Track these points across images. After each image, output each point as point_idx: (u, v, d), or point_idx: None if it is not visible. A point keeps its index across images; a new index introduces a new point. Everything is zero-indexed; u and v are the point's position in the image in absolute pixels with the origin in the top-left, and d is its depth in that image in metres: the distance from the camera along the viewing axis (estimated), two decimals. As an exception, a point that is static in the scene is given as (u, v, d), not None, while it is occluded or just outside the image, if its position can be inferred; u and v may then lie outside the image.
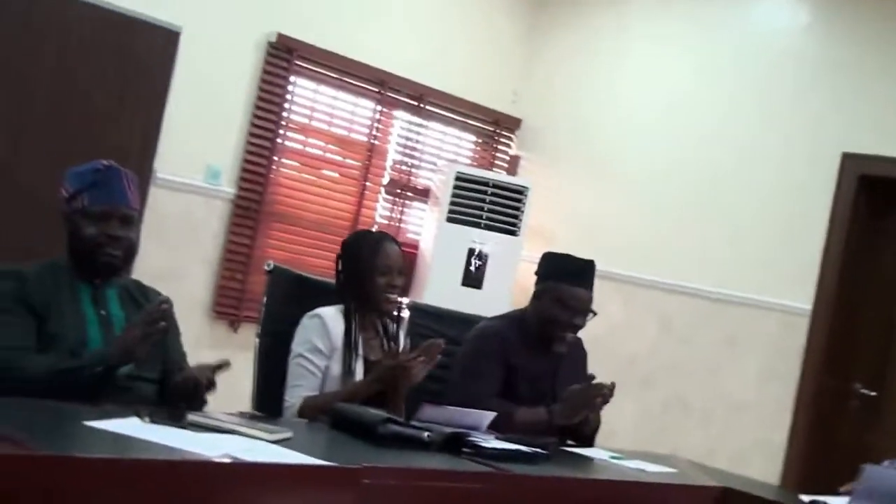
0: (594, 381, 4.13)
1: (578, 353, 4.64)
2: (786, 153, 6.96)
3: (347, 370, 3.90)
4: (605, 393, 4.05)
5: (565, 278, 4.33)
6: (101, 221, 3.32)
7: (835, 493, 4.09)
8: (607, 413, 5.48)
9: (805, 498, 4.06)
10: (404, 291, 4.19)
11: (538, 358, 4.36)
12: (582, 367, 4.56)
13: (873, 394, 6.63)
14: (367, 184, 7.33)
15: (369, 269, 3.93)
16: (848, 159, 6.68)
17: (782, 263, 6.89)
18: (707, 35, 7.51)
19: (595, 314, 4.41)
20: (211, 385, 3.21)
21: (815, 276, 6.73)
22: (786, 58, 7.11)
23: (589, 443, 4.37)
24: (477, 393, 4.04)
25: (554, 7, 8.19)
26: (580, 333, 4.60)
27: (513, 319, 4.48)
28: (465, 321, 4.66)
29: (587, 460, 4.05)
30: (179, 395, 3.19)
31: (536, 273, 4.47)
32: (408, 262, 6.31)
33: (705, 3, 7.54)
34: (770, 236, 6.96)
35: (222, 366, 3.22)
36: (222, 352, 5.69)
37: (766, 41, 7.27)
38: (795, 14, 7.20)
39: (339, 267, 4.08)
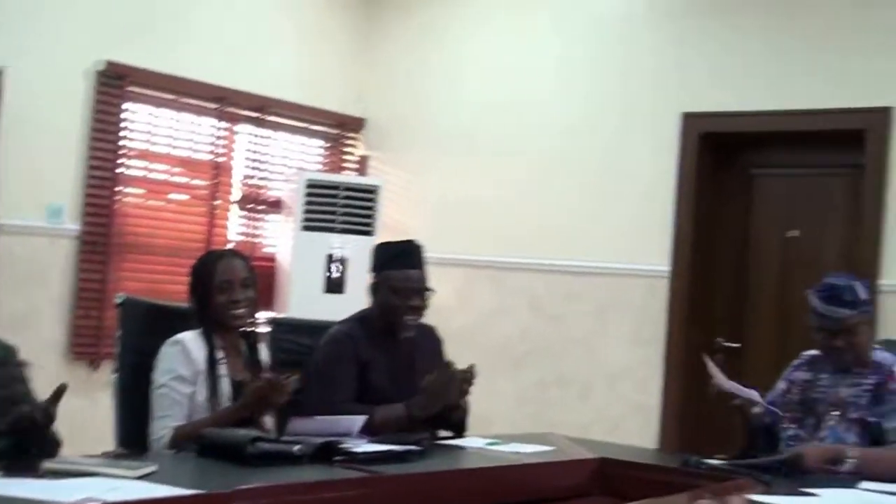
0: (450, 368, 4.16)
1: (433, 342, 4.68)
2: (627, 120, 7.10)
3: (213, 394, 3.89)
4: (463, 378, 4.10)
5: (392, 264, 4.38)
6: None
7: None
8: (485, 399, 5.43)
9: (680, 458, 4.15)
10: (255, 304, 4.16)
11: (390, 352, 4.38)
12: (438, 355, 4.60)
13: (736, 345, 6.88)
14: (217, 202, 7.31)
15: (209, 288, 3.98)
16: (688, 118, 6.86)
17: (639, 229, 7.01)
18: (541, 15, 7.60)
19: (432, 291, 4.43)
20: (48, 420, 3.15)
21: (671, 236, 6.91)
22: (621, 27, 7.24)
23: (460, 431, 4.40)
24: (331, 399, 4.08)
25: (386, 6, 8.30)
26: (433, 322, 4.66)
27: (359, 319, 4.50)
28: (326, 328, 4.66)
29: (462, 450, 4.08)
30: (17, 437, 3.11)
31: (371, 268, 4.53)
32: (264, 275, 6.46)
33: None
34: (624, 204, 7.08)
35: (59, 393, 3.12)
36: (84, 393, 5.83)
37: (602, 14, 7.37)
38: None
39: (191, 287, 4.10)
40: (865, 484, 3.57)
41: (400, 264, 4.38)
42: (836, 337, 4.14)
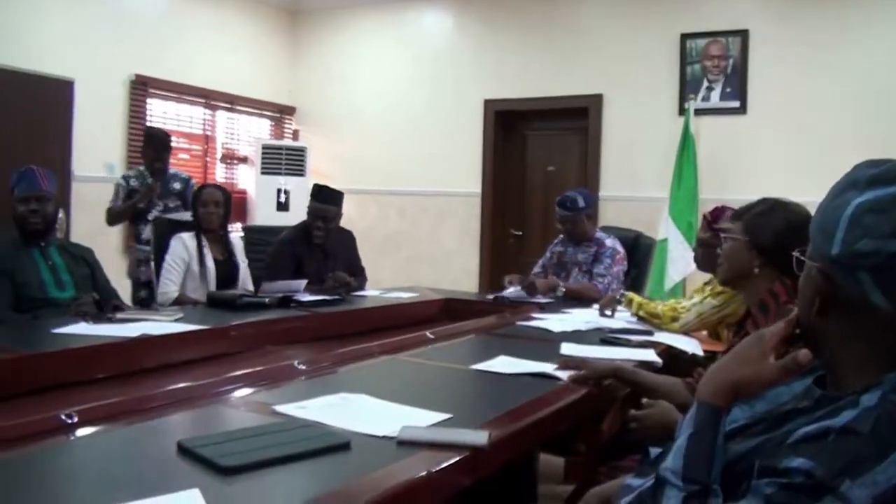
0: (339, 274, 4.28)
1: (348, 239, 4.75)
2: (452, 104, 7.45)
3: (201, 265, 4.08)
4: (342, 281, 4.23)
5: (314, 199, 4.48)
6: (24, 202, 3.41)
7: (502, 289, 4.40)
8: (379, 269, 6.14)
9: (490, 296, 4.42)
10: (226, 216, 4.31)
11: (314, 248, 4.45)
12: (351, 247, 4.73)
13: (520, 233, 7.44)
14: (207, 160, 7.57)
15: (196, 206, 4.18)
16: (487, 102, 7.33)
17: (462, 169, 7.43)
18: (399, 33, 7.81)
19: (337, 217, 4.50)
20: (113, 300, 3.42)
21: (480, 172, 7.38)
22: (445, 46, 7.55)
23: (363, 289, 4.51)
24: (278, 275, 4.14)
25: (306, 25, 8.32)
26: (349, 225, 4.86)
27: (297, 227, 4.54)
28: (278, 232, 4.73)
29: (365, 297, 4.25)
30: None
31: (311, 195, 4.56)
32: (238, 202, 6.68)
33: (398, 17, 7.79)
34: (453, 155, 7.46)
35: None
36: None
37: (434, 35, 7.63)
38: (447, 18, 7.58)
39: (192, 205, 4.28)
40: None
41: (317, 199, 4.46)
42: (566, 225, 4.47)
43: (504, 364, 2.41)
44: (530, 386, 2.18)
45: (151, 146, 5.29)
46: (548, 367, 2.33)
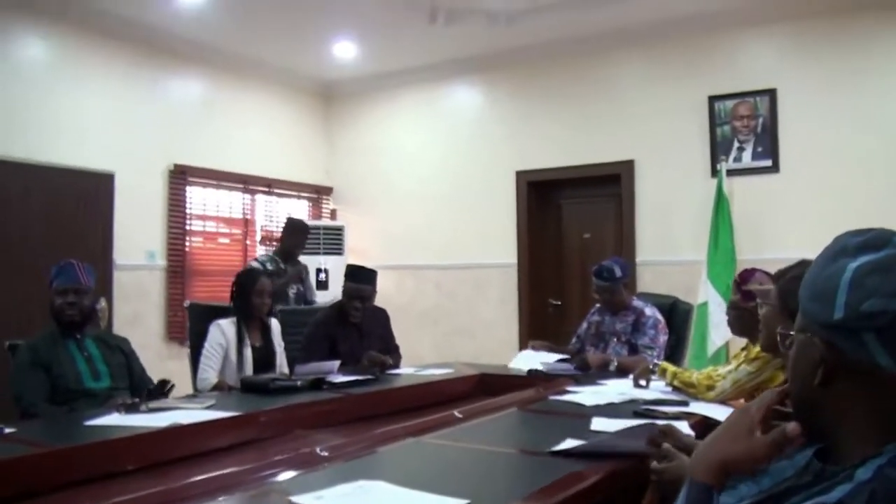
0: (373, 354, 4.30)
1: (382, 318, 4.71)
2: (488, 175, 7.48)
3: (240, 356, 4.03)
4: (377, 361, 4.24)
5: (349, 279, 4.54)
6: (62, 295, 3.47)
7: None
8: (417, 343, 6.20)
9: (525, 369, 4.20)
10: (272, 304, 4.37)
11: (349, 328, 4.46)
12: (385, 325, 4.71)
13: (558, 303, 7.36)
14: (247, 243, 7.65)
15: (249, 293, 4.13)
16: (519, 174, 7.34)
17: (497, 241, 7.37)
18: (429, 110, 7.89)
19: (373, 295, 4.53)
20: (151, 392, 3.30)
21: (515, 243, 7.32)
22: (476, 120, 7.62)
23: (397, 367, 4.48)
24: (313, 356, 4.14)
25: (339, 108, 8.46)
26: (384, 303, 4.84)
27: (333, 307, 4.60)
28: (314, 311, 4.83)
29: (399, 376, 4.20)
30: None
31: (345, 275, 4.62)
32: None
33: (428, 94, 7.89)
34: (487, 226, 7.43)
35: (163, 385, 3.36)
36: (176, 359, 5.96)
37: (463, 110, 7.71)
38: (476, 94, 7.67)
39: (233, 290, 4.21)
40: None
41: (352, 280, 4.51)
42: (603, 295, 4.45)
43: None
44: (553, 466, 2.13)
45: (296, 235, 5.80)
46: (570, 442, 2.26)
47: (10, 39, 5.99)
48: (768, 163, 6.14)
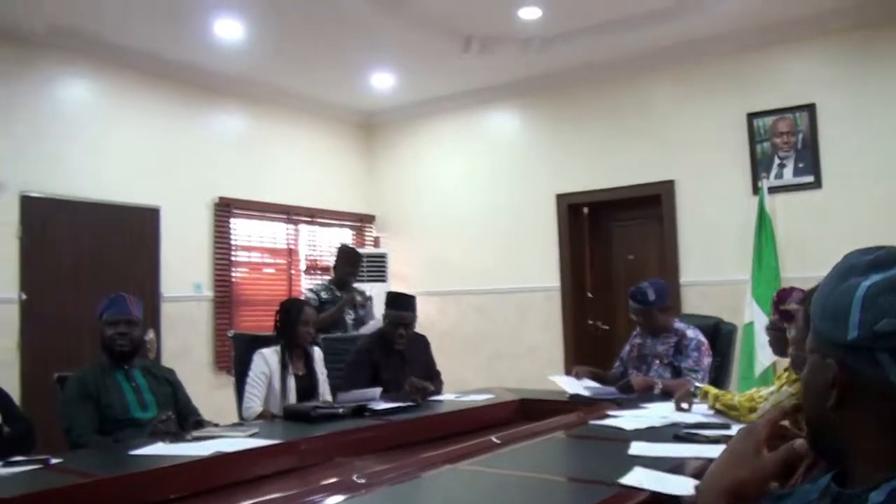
0: (414, 381, 4.22)
1: (423, 345, 4.73)
2: (528, 199, 7.49)
3: (284, 384, 4.05)
4: (418, 387, 4.18)
5: (390, 306, 4.57)
6: (114, 326, 3.54)
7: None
8: (461, 368, 6.20)
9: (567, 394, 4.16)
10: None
11: (392, 355, 4.48)
12: (426, 351, 4.73)
13: (606, 327, 7.29)
14: (292, 272, 7.73)
15: (296, 323, 4.13)
16: (560, 197, 7.33)
17: (539, 264, 7.36)
18: (468, 135, 7.93)
19: (414, 321, 4.55)
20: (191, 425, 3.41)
21: (557, 267, 7.30)
22: (514, 144, 7.64)
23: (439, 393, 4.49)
24: (356, 383, 4.17)
25: (380, 136, 8.57)
26: (425, 329, 4.86)
27: (373, 335, 4.64)
28: (356, 339, 4.88)
29: (440, 402, 4.18)
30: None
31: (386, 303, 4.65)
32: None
33: (466, 120, 7.93)
34: (530, 250, 7.41)
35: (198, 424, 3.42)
36: (223, 390, 5.76)
37: (502, 134, 7.73)
38: (514, 118, 7.69)
39: (277, 319, 4.21)
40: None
41: (395, 308, 4.53)
42: (638, 318, 4.39)
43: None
44: (584, 494, 2.12)
45: (349, 262, 5.90)
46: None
47: (56, 82, 6.20)
48: (810, 179, 6.06)
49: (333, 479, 2.39)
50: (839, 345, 1.07)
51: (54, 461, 2.62)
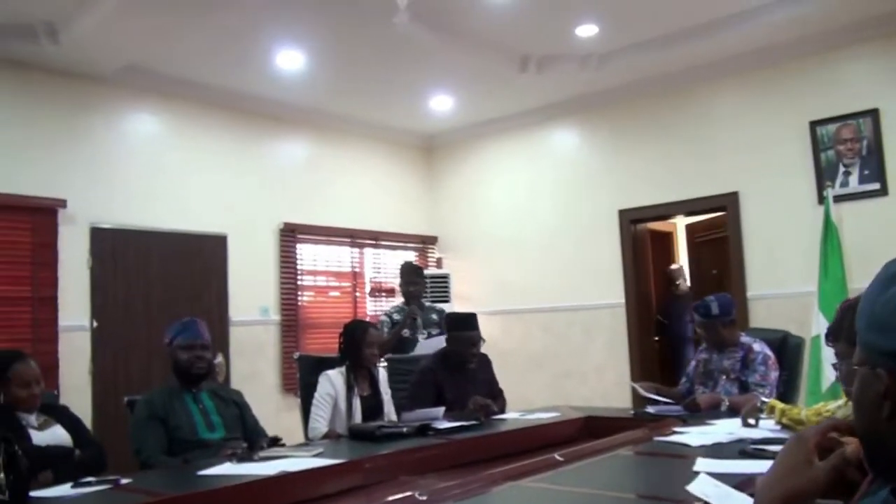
0: (478, 398, 4.23)
1: (486, 364, 4.70)
2: (590, 215, 7.44)
3: (349, 405, 4.04)
4: (482, 405, 4.20)
5: (455, 328, 4.55)
6: (189, 350, 3.60)
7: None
8: (525, 387, 6.20)
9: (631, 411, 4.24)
10: (382, 354, 4.45)
11: (455, 374, 4.47)
12: (489, 370, 4.70)
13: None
14: (357, 295, 7.82)
15: (361, 344, 4.14)
16: (622, 212, 7.28)
17: (603, 281, 7.30)
18: (528, 154, 7.96)
19: (482, 341, 4.53)
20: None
21: (622, 282, 7.23)
22: (574, 161, 7.62)
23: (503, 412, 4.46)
24: (420, 403, 4.16)
25: (441, 158, 8.68)
26: (490, 347, 4.78)
27: (437, 355, 4.59)
28: (419, 360, 4.81)
29: (504, 420, 4.17)
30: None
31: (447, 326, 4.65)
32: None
33: (525, 138, 7.96)
34: (594, 268, 7.36)
35: (274, 441, 3.44)
36: (290, 412, 5.94)
37: (563, 151, 7.71)
38: (573, 135, 7.66)
39: (342, 341, 4.22)
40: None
41: (460, 328, 4.52)
42: (702, 332, 4.37)
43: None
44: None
45: (406, 277, 5.93)
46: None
47: (125, 116, 6.44)
48: (876, 186, 5.90)
49: (396, 497, 2.41)
50: (889, 354, 1.04)
51: (124, 481, 2.67)
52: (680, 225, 8.58)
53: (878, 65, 6.03)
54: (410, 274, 5.99)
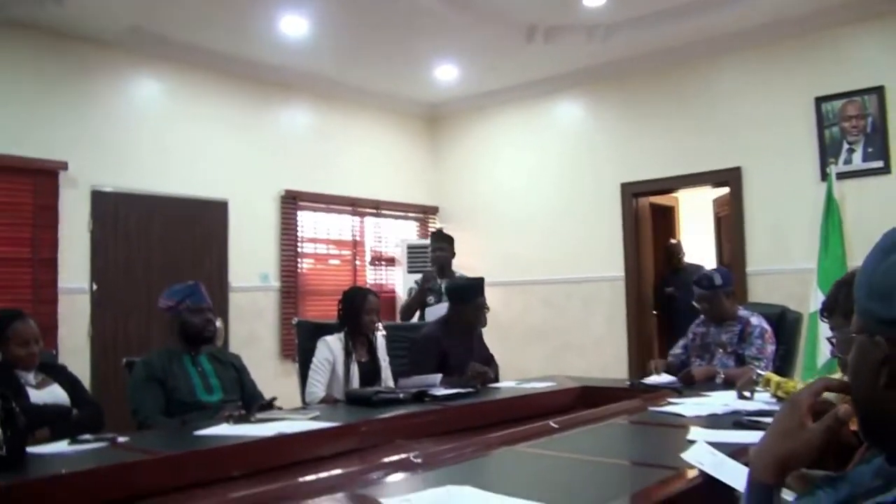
0: (476, 365, 4.24)
1: (480, 335, 4.71)
2: (592, 188, 7.44)
3: (346, 369, 4.06)
4: (479, 372, 4.21)
5: (468, 297, 4.51)
6: (199, 313, 3.63)
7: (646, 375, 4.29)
8: (524, 359, 6.23)
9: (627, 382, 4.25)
10: (380, 320, 4.31)
11: (460, 340, 4.47)
12: (480, 338, 4.70)
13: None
14: (357, 263, 7.83)
15: (360, 311, 4.14)
16: (624, 185, 7.27)
17: (604, 254, 7.33)
18: (532, 126, 7.94)
19: (487, 309, 4.58)
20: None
21: (622, 256, 7.24)
22: (578, 133, 7.60)
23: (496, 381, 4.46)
24: (423, 369, 4.14)
25: (444, 128, 8.65)
26: (494, 318, 4.90)
27: (439, 322, 4.60)
28: (418, 328, 4.87)
29: (499, 389, 4.18)
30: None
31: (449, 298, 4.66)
32: (386, 301, 6.77)
33: (530, 110, 7.92)
34: (595, 241, 7.38)
35: (270, 403, 3.50)
36: (288, 377, 5.90)
37: (566, 124, 7.70)
38: (578, 107, 7.65)
39: (341, 307, 4.22)
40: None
41: (473, 295, 4.52)
42: (703, 304, 4.33)
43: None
44: (641, 476, 2.09)
45: (432, 241, 6.06)
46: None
47: (128, 81, 6.42)
48: (880, 164, 5.88)
49: (392, 458, 2.42)
50: (888, 322, 1.04)
51: (121, 440, 2.69)
52: (682, 199, 8.53)
53: (885, 42, 5.98)
54: (438, 240, 6.06)
